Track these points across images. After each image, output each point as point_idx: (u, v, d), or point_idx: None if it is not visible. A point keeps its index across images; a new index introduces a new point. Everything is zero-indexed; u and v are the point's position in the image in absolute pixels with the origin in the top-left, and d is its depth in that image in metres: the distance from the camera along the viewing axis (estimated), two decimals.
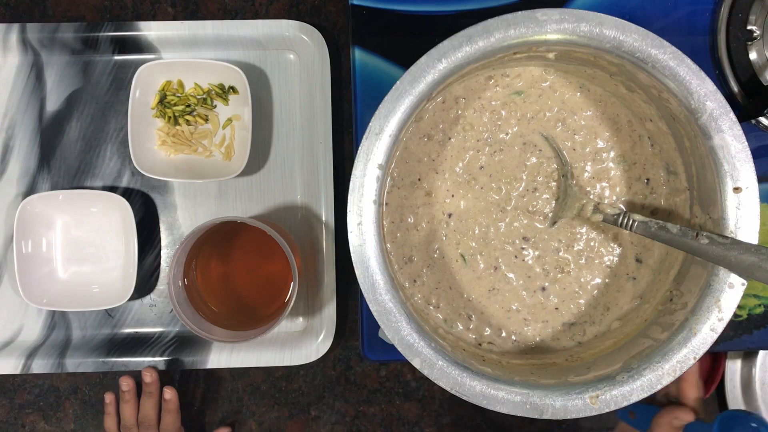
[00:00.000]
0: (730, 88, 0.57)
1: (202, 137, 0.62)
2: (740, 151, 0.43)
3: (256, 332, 0.54)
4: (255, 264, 0.60)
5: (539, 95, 0.50)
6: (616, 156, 0.50)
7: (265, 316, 0.58)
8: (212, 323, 0.55)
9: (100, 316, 0.64)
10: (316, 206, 0.63)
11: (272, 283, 0.60)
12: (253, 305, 0.60)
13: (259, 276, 0.60)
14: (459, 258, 0.50)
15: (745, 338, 0.58)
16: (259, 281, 0.60)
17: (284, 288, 0.58)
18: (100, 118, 0.63)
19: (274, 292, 0.59)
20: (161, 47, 0.62)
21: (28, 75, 0.63)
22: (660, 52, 0.43)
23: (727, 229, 0.43)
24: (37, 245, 0.61)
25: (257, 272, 0.60)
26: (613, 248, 0.50)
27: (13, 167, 0.63)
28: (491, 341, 0.50)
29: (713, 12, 0.57)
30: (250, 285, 0.60)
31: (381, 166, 0.43)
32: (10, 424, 0.67)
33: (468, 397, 0.43)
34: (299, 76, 0.63)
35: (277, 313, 0.56)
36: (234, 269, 0.60)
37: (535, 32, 0.43)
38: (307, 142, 0.63)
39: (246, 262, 0.60)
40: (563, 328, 0.50)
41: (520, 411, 0.43)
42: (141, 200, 0.63)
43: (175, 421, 0.62)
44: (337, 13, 0.64)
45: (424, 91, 0.43)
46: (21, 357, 0.62)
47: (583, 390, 0.43)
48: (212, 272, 0.59)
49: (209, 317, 0.56)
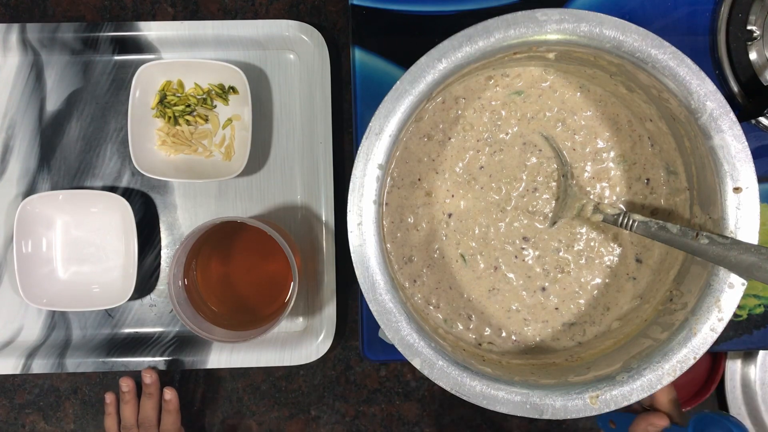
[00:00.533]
0: (730, 88, 0.57)
1: (202, 137, 0.62)
2: (740, 151, 0.43)
3: (256, 332, 0.54)
4: (255, 264, 0.60)
5: (539, 95, 0.50)
6: (616, 156, 0.50)
7: (265, 316, 0.58)
8: (212, 323, 0.55)
9: (100, 316, 0.64)
10: (316, 206, 0.63)
11: (272, 283, 0.60)
12: (253, 305, 0.60)
13: (259, 276, 0.60)
14: (459, 258, 0.50)
15: (745, 338, 0.58)
16: (259, 281, 0.60)
17: (284, 288, 0.58)
18: (100, 118, 0.63)
19: (274, 292, 0.59)
20: (161, 47, 0.62)
21: (28, 75, 0.63)
22: (660, 52, 0.43)
23: (727, 229, 0.43)
24: (37, 245, 0.61)
25: (257, 272, 0.60)
26: (613, 248, 0.50)
27: (13, 167, 0.63)
28: (491, 341, 0.50)
29: (713, 12, 0.57)
30: (250, 285, 0.60)
31: (381, 166, 0.43)
32: (10, 424, 0.67)
33: (468, 397, 0.43)
34: (299, 76, 0.63)
35: (277, 313, 0.56)
36: (234, 269, 0.60)
37: (535, 32, 0.43)
38: (307, 142, 0.63)
39: (246, 262, 0.60)
40: (563, 328, 0.50)
41: (520, 411, 0.43)
42: (141, 200, 0.63)
43: (175, 422, 0.62)
44: (337, 13, 0.64)
45: (424, 91, 0.43)
46: (21, 357, 0.62)
47: (583, 390, 0.43)
48: (212, 272, 0.59)
49: (209, 317, 0.56)
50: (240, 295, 0.60)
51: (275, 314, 0.56)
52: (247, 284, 0.60)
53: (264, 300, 0.59)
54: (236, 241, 0.59)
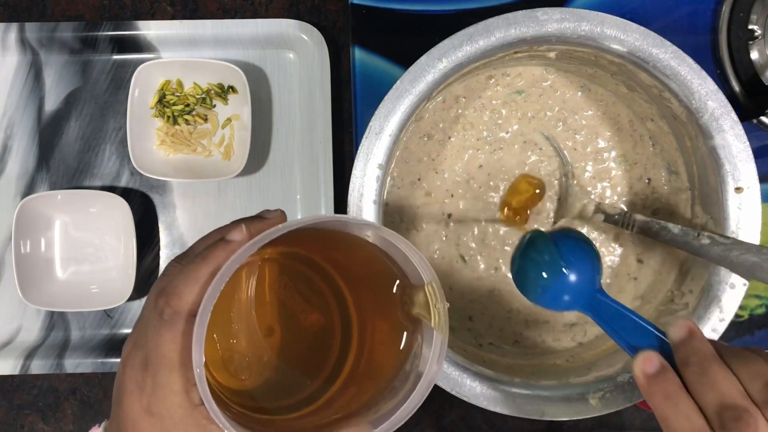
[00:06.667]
0: (731, 88, 0.56)
1: (201, 137, 0.62)
2: (741, 150, 0.43)
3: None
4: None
5: (540, 95, 0.50)
6: (617, 156, 0.50)
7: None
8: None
9: (98, 316, 0.64)
10: (316, 206, 0.63)
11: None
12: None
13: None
14: (459, 259, 0.50)
15: (747, 339, 0.58)
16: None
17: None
18: (98, 117, 0.63)
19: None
20: (160, 46, 0.62)
21: (26, 74, 0.63)
22: (661, 51, 0.43)
23: (728, 229, 0.43)
24: (35, 245, 0.60)
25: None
26: (614, 248, 0.50)
27: (12, 167, 0.63)
28: (492, 342, 0.50)
29: (714, 11, 0.57)
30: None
31: (381, 166, 0.43)
32: (8, 424, 0.67)
33: (468, 398, 0.43)
34: (299, 76, 0.63)
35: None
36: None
37: (536, 31, 0.43)
38: (306, 142, 0.62)
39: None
40: (564, 329, 0.50)
41: (520, 412, 0.43)
42: (140, 200, 0.63)
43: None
44: (337, 12, 0.64)
45: (424, 91, 0.43)
46: (20, 357, 0.62)
47: (584, 391, 0.43)
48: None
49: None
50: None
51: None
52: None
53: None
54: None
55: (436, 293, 0.34)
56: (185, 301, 0.30)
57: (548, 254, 0.37)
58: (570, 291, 0.37)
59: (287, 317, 0.38)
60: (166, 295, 0.30)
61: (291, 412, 0.36)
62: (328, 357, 0.38)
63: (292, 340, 0.38)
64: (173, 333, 0.30)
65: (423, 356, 0.34)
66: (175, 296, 0.30)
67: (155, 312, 0.30)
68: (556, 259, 0.37)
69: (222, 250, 0.31)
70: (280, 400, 0.37)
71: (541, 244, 0.38)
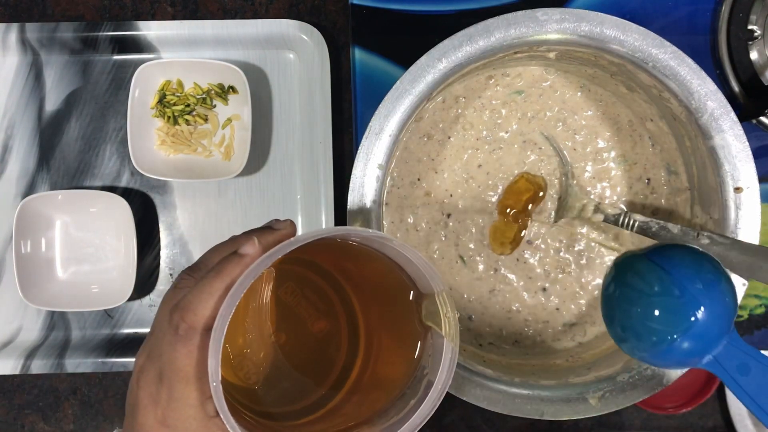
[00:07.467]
0: (730, 88, 0.57)
1: (201, 137, 0.62)
2: (741, 150, 0.43)
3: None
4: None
5: (540, 95, 0.50)
6: (616, 156, 0.50)
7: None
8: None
9: (99, 316, 0.64)
10: (316, 206, 0.63)
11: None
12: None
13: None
14: (458, 259, 0.50)
15: (746, 339, 0.58)
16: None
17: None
18: (99, 117, 0.63)
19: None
20: (161, 47, 0.62)
21: (27, 75, 0.63)
22: (660, 51, 0.43)
23: (727, 229, 0.43)
24: (36, 245, 0.61)
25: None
26: (614, 248, 0.50)
27: (12, 167, 0.63)
28: (492, 342, 0.50)
29: (714, 11, 0.57)
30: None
31: (381, 166, 0.43)
32: (9, 424, 0.67)
33: (468, 398, 0.43)
34: (299, 76, 0.63)
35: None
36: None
37: (536, 32, 0.43)
38: (306, 142, 0.62)
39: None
40: (564, 329, 0.50)
41: (520, 412, 0.43)
42: (140, 200, 0.63)
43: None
44: (337, 12, 0.64)
45: (424, 91, 0.43)
46: (20, 357, 0.62)
47: (584, 390, 0.43)
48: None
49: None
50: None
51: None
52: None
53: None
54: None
55: (447, 303, 0.34)
56: (200, 316, 0.31)
57: (666, 295, 0.27)
58: (697, 340, 0.27)
59: (295, 323, 0.38)
60: (180, 310, 0.31)
61: (299, 418, 0.36)
62: (335, 363, 0.38)
63: (300, 345, 0.39)
64: (188, 347, 0.30)
65: (433, 365, 0.34)
66: (190, 311, 0.31)
67: (170, 326, 0.31)
68: (675, 298, 0.25)
69: (236, 265, 0.32)
70: (288, 405, 0.37)
71: (650, 275, 0.27)
